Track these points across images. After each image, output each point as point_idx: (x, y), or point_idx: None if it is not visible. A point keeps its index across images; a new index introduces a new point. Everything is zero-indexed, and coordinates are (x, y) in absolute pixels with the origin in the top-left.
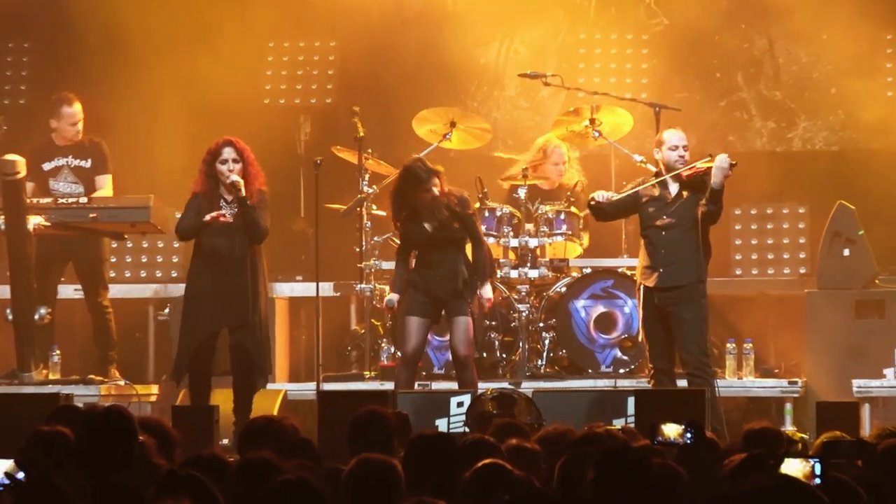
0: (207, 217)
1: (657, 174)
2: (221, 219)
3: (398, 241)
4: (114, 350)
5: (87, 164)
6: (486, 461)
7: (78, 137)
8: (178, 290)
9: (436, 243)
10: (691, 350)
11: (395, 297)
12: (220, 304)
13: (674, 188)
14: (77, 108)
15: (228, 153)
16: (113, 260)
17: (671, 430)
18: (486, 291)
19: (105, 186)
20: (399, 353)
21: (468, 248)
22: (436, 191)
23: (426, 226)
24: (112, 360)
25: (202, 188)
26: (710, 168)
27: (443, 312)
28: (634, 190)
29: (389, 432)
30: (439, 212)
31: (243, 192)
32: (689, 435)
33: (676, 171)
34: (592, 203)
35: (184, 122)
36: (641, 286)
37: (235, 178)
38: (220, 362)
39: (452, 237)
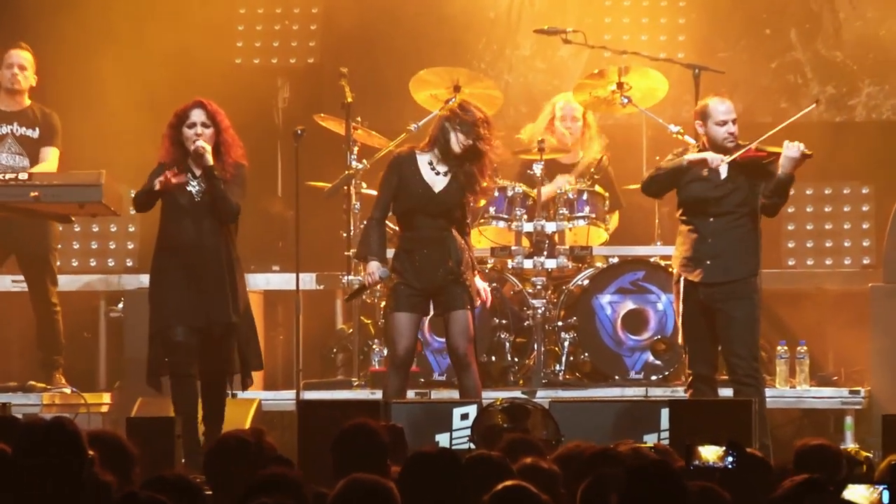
0: (156, 182)
1: (700, 150)
2: (174, 179)
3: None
4: (60, 354)
5: (35, 133)
6: (508, 483)
7: (16, 87)
8: (134, 281)
9: (430, 208)
10: (741, 353)
11: (378, 264)
12: (196, 301)
13: (724, 168)
14: (24, 55)
15: (197, 116)
16: (58, 247)
17: (710, 453)
18: (479, 282)
19: (49, 159)
20: (388, 356)
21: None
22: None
23: (429, 181)
24: (58, 364)
25: (167, 157)
26: (773, 154)
27: (431, 305)
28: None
29: (381, 449)
30: (448, 173)
31: (209, 161)
32: (730, 458)
33: (733, 157)
34: (717, 164)
35: (140, 87)
36: (682, 279)
37: (201, 143)
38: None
39: (451, 209)
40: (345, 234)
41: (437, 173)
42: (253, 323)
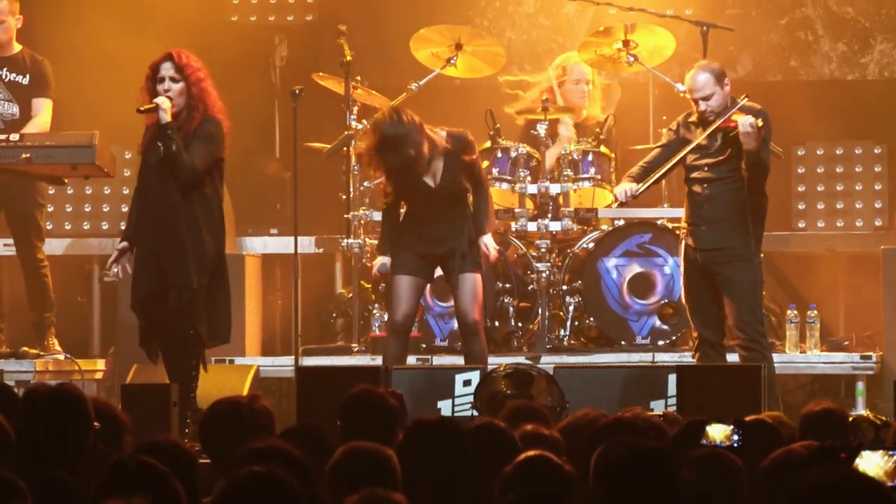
0: (141, 107)
1: (702, 114)
2: (160, 105)
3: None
4: (52, 311)
5: (25, 80)
6: (531, 453)
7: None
8: None
9: (438, 200)
10: (744, 318)
11: (387, 260)
12: (156, 262)
13: (709, 139)
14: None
15: (166, 69)
16: (50, 209)
17: (718, 432)
18: (490, 240)
19: (42, 112)
20: (387, 321)
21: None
22: (422, 149)
23: (427, 181)
24: (50, 323)
25: (149, 118)
26: (737, 125)
27: (437, 271)
28: (664, 170)
29: (390, 415)
30: (438, 166)
31: (163, 118)
32: (736, 437)
33: (711, 124)
34: (616, 205)
35: (134, 45)
36: (683, 242)
37: (160, 99)
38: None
39: (458, 191)
40: (344, 197)
41: (424, 171)
42: (222, 289)
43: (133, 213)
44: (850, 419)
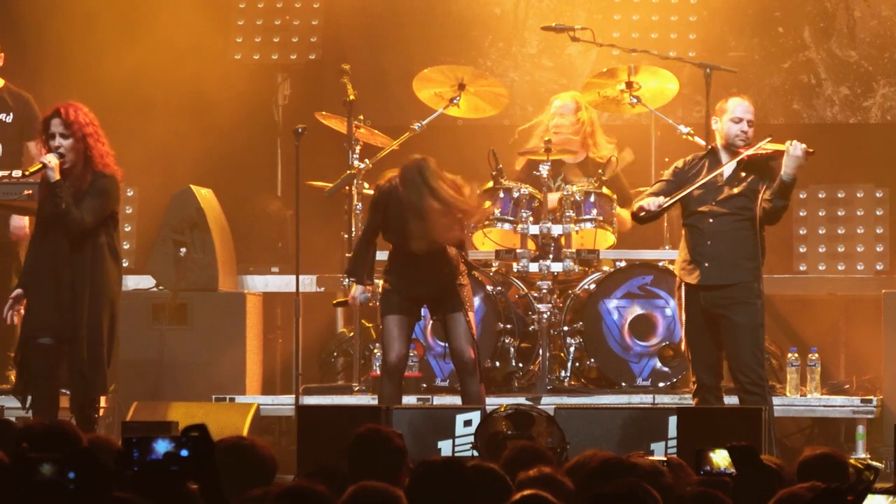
0: (28, 171)
1: (710, 150)
2: (47, 164)
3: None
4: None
5: (9, 118)
6: (526, 493)
7: None
8: (129, 282)
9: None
10: (746, 361)
11: (365, 291)
12: (51, 308)
13: (729, 167)
14: None
15: (56, 126)
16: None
17: (721, 459)
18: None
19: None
20: (381, 362)
21: None
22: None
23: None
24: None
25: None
26: (777, 152)
27: (423, 310)
28: (692, 188)
29: (397, 455)
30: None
31: (51, 177)
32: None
33: (738, 154)
34: (642, 214)
35: (136, 83)
36: (682, 284)
37: (48, 157)
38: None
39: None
40: (346, 236)
41: None
42: (101, 349)
43: (28, 262)
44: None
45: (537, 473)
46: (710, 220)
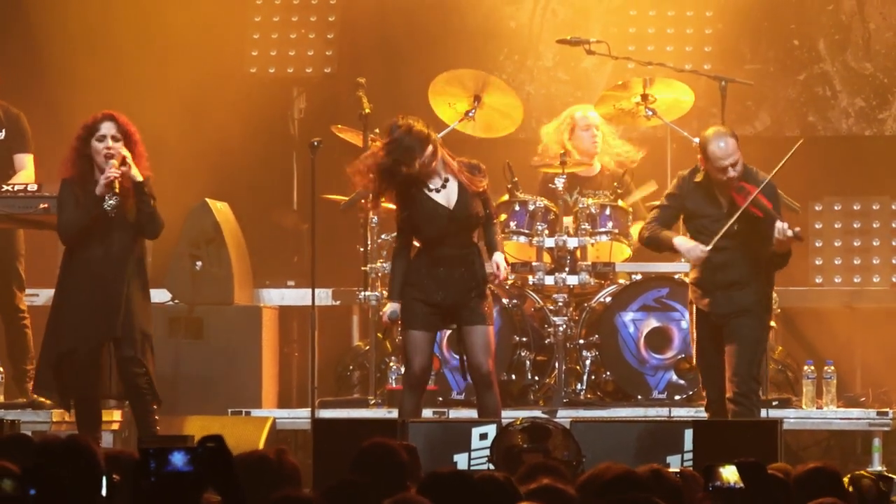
0: (101, 182)
1: (703, 177)
2: (113, 175)
3: (399, 227)
4: (31, 363)
5: (1, 134)
6: None
7: None
8: None
9: (452, 225)
10: (740, 371)
11: (397, 306)
12: (96, 316)
13: (727, 197)
14: None
15: (108, 128)
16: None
17: (730, 474)
18: (501, 259)
19: (27, 166)
20: (404, 374)
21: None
22: (440, 156)
23: (441, 202)
24: (28, 376)
25: (73, 171)
26: (769, 216)
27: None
28: (727, 227)
29: (401, 469)
30: (453, 189)
31: (138, 177)
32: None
33: (737, 210)
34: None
35: (152, 98)
36: (695, 306)
37: (113, 162)
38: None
39: (471, 218)
40: (361, 249)
41: (438, 191)
42: (147, 350)
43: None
44: (849, 476)
45: (538, 486)
46: (717, 252)
